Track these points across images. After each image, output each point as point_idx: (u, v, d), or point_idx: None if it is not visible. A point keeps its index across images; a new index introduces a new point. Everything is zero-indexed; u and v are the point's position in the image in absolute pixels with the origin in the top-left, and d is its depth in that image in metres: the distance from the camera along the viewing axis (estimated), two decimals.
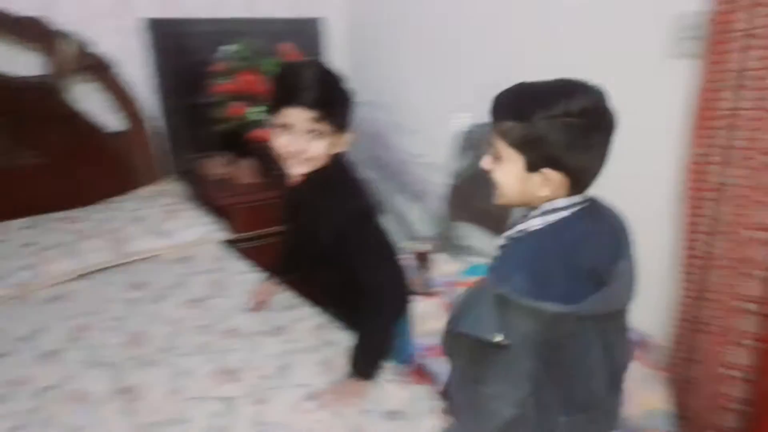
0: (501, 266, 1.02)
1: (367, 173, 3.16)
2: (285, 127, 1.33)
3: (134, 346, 1.59)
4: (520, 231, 1.03)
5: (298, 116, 1.31)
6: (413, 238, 2.91)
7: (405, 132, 2.75)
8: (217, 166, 2.64)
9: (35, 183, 2.27)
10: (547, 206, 1.01)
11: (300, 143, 1.33)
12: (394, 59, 2.80)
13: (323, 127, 1.33)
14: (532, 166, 0.99)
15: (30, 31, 2.14)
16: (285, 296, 1.84)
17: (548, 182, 0.99)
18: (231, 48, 2.54)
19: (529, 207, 1.05)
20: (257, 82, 2.43)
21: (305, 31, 2.89)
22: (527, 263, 0.98)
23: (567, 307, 0.93)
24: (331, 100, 1.34)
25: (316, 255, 1.52)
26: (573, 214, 1.01)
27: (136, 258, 2.06)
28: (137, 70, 2.51)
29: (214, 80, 2.47)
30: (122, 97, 2.40)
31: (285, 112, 1.32)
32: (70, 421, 1.31)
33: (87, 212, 2.19)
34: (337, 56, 3.01)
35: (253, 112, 2.42)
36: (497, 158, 1.03)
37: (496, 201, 1.07)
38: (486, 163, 1.06)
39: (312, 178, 1.40)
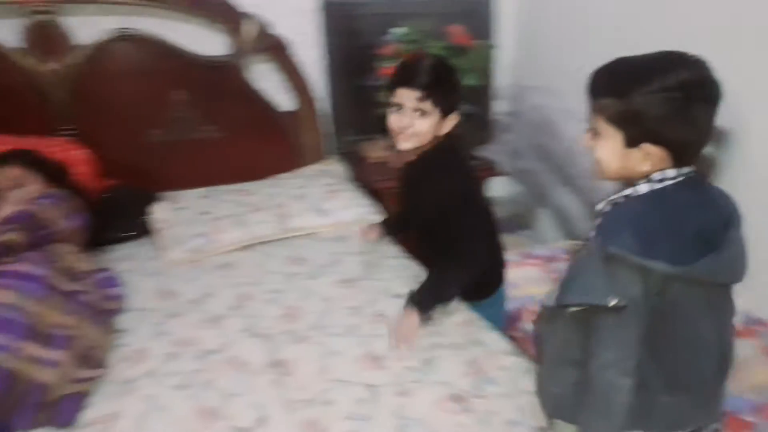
0: (607, 227, 1.02)
1: (527, 162, 3.02)
2: (397, 106, 1.52)
3: (289, 321, 1.64)
4: (625, 196, 1.04)
5: (407, 96, 1.49)
6: (572, 236, 2.71)
7: (574, 119, 2.56)
8: (377, 149, 2.66)
9: (214, 155, 2.44)
10: (656, 176, 1.01)
11: (406, 120, 1.51)
12: (566, 43, 2.60)
13: (428, 106, 1.49)
14: (632, 142, 1.00)
15: (219, 12, 2.28)
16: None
17: (648, 157, 1.00)
18: (400, 30, 2.52)
19: (630, 182, 1.04)
20: None
21: (476, 13, 2.79)
22: (633, 223, 0.98)
23: (676, 268, 0.93)
24: (436, 84, 1.49)
25: (419, 224, 1.76)
26: (678, 182, 1.01)
27: (296, 234, 2.13)
28: (309, 51, 2.59)
29: (382, 63, 2.47)
30: (295, 78, 2.49)
31: (398, 92, 1.51)
32: (227, 387, 1.38)
33: (257, 186, 2.31)
34: (506, 39, 2.87)
35: None
36: (596, 135, 1.04)
37: (596, 177, 1.08)
38: (585, 139, 1.08)
39: (421, 157, 1.59)
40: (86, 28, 2.21)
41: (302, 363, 1.47)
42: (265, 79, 2.54)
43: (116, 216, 2.06)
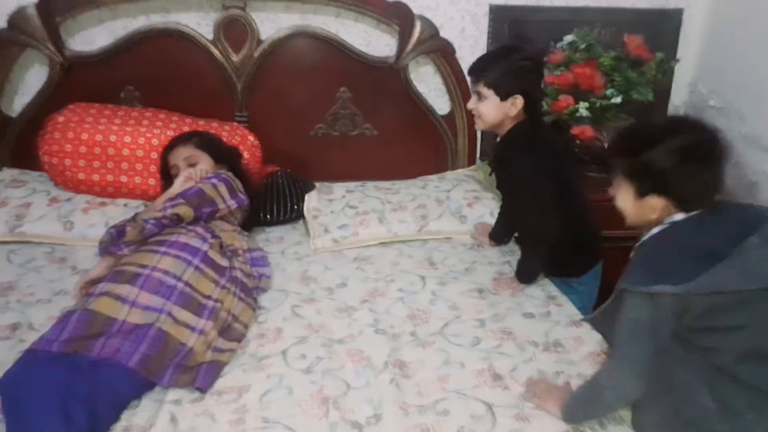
0: (627, 269, 1.21)
1: None
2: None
3: (415, 323, 1.66)
4: (645, 240, 1.24)
5: (471, 83, 1.79)
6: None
7: (760, 148, 2.26)
8: None
9: (368, 152, 2.53)
10: (666, 220, 1.21)
11: (471, 103, 1.80)
12: (756, 64, 2.30)
13: (482, 89, 1.73)
14: (641, 193, 1.21)
15: (395, 13, 2.35)
16: (568, 309, 1.71)
17: (655, 205, 1.20)
18: (568, 38, 2.41)
19: (650, 227, 1.24)
20: (593, 77, 2.25)
21: (660, 24, 2.57)
22: (645, 259, 1.21)
23: (679, 287, 1.09)
24: (486, 67, 1.74)
25: (507, 208, 2.02)
26: (685, 219, 1.19)
27: (433, 237, 2.13)
28: (473, 56, 2.55)
29: (548, 70, 2.38)
30: (457, 82, 2.49)
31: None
32: (348, 378, 1.42)
33: (403, 185, 2.36)
34: (688, 54, 2.61)
35: (583, 108, 2.26)
36: (616, 188, 1.27)
37: (627, 222, 1.29)
38: (612, 190, 1.30)
39: (501, 139, 1.82)
40: (268, 24, 2.40)
41: (422, 368, 1.47)
42: (424, 82, 2.57)
43: (274, 200, 2.22)
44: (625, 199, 1.24)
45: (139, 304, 1.41)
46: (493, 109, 1.74)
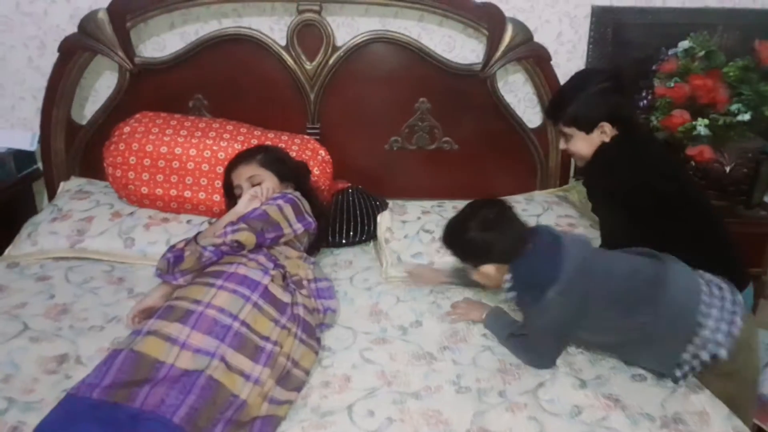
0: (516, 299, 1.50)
1: None
2: None
3: (504, 378, 1.41)
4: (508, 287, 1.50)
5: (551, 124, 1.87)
6: None
7: None
8: None
9: (448, 168, 2.31)
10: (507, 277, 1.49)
11: (561, 145, 1.74)
12: None
13: (564, 129, 1.68)
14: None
15: (483, 15, 2.12)
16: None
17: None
18: (686, 44, 2.09)
19: None
20: (715, 89, 1.93)
21: None
22: (521, 287, 1.47)
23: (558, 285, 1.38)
24: (558, 107, 1.69)
25: None
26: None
27: None
28: (570, 63, 2.30)
29: (658, 81, 2.07)
30: (550, 91, 2.22)
31: None
32: None
33: None
34: None
35: (702, 125, 1.94)
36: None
37: None
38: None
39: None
40: (345, 29, 2.22)
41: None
42: (513, 91, 2.32)
43: (344, 220, 2.03)
44: (473, 274, 1.55)
45: (189, 346, 1.25)
46: (585, 145, 1.66)
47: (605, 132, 1.63)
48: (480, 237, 1.45)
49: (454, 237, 1.51)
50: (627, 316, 1.38)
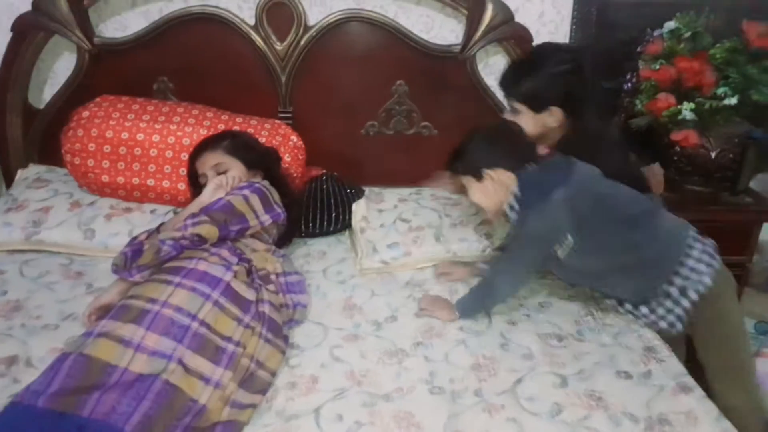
0: (520, 209, 1.46)
1: None
2: None
3: (480, 377, 1.35)
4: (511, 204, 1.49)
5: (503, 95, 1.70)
6: None
7: None
8: None
9: (426, 154, 2.22)
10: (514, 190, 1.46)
11: (506, 116, 1.67)
12: None
13: (515, 104, 1.62)
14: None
15: None
16: (673, 367, 1.37)
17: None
18: (669, 25, 2.02)
19: None
20: (702, 72, 1.86)
21: None
22: (531, 187, 1.44)
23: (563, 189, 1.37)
24: (512, 81, 1.63)
25: None
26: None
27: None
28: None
29: (643, 63, 2.00)
30: None
31: None
32: None
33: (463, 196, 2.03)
34: None
35: (687, 109, 1.88)
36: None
37: None
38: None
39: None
40: (317, 8, 2.11)
41: None
42: (495, 74, 2.22)
43: (317, 208, 1.95)
44: (476, 193, 1.52)
45: (144, 348, 1.17)
46: (531, 123, 1.61)
47: (553, 116, 1.59)
48: (495, 135, 1.46)
49: (467, 141, 1.47)
50: (625, 232, 1.41)
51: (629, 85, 2.11)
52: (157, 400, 1.11)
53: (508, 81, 1.66)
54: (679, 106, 1.91)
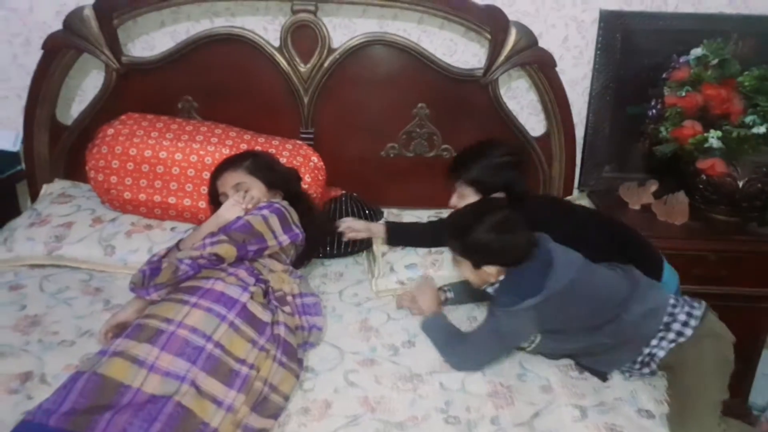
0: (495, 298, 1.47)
1: None
2: None
3: (497, 404, 1.33)
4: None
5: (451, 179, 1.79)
6: None
7: None
8: (640, 194, 2.16)
9: (443, 176, 2.19)
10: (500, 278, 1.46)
11: (452, 201, 1.78)
12: None
13: (463, 189, 1.75)
14: (477, 266, 1.47)
15: (486, 18, 2.01)
16: None
17: (490, 273, 1.46)
18: (699, 51, 1.99)
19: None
20: (729, 99, 1.83)
21: None
22: (505, 291, 1.45)
23: (537, 298, 1.37)
24: (462, 166, 1.75)
25: None
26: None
27: None
28: (575, 69, 2.21)
29: (669, 90, 1.97)
30: (556, 99, 2.13)
31: None
32: None
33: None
34: None
35: (714, 137, 1.84)
36: (455, 262, 1.56)
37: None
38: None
39: None
40: (341, 31, 2.13)
41: None
42: (516, 98, 2.22)
43: (337, 229, 1.94)
44: (466, 271, 1.49)
45: (158, 369, 1.16)
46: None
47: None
48: (496, 238, 1.42)
49: (465, 234, 1.45)
50: (589, 336, 1.41)
51: (653, 111, 2.08)
52: (169, 422, 1.10)
53: (456, 167, 1.74)
54: (705, 134, 1.88)
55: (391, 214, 2.08)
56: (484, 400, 1.34)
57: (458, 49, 2.19)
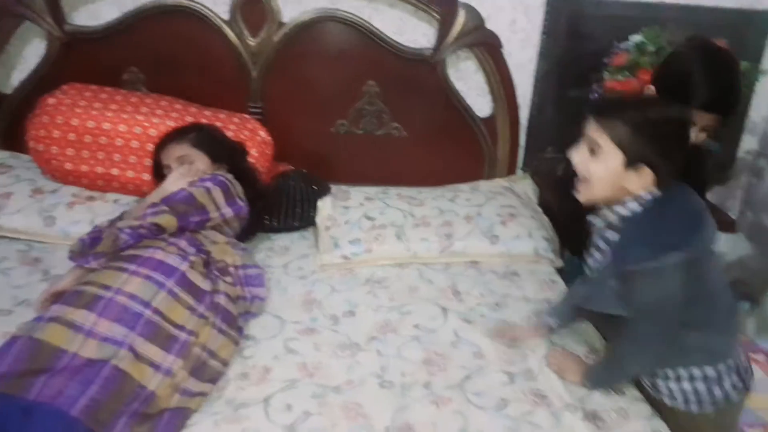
0: (620, 248, 1.19)
1: (743, 244, 2.40)
2: None
3: (430, 371, 1.38)
4: (623, 215, 1.19)
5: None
6: None
7: None
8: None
9: (395, 154, 2.26)
10: (644, 195, 1.17)
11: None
12: None
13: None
14: (630, 163, 1.14)
15: (435, 1, 2.05)
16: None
17: (639, 180, 1.15)
18: (635, 38, 2.07)
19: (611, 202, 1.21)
20: None
21: (745, 28, 2.21)
22: (642, 234, 1.16)
23: (687, 253, 1.12)
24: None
25: None
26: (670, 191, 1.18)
27: (459, 259, 1.85)
28: (522, 52, 2.26)
29: (608, 74, 2.05)
30: (502, 81, 2.19)
31: None
32: None
33: (428, 195, 2.06)
34: None
35: None
36: (593, 153, 1.17)
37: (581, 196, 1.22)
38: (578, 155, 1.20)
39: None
40: (291, 6, 2.13)
41: None
42: (464, 79, 2.27)
43: (283, 204, 1.96)
44: (607, 167, 1.15)
45: (96, 334, 1.18)
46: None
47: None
48: (681, 129, 1.15)
49: (649, 107, 1.18)
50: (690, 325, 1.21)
51: (596, 95, 2.16)
52: (106, 385, 1.12)
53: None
54: None
55: (340, 190, 2.11)
56: (419, 366, 1.39)
57: (408, 28, 2.22)
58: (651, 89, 1.54)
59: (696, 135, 1.37)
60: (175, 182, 1.59)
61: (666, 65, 1.56)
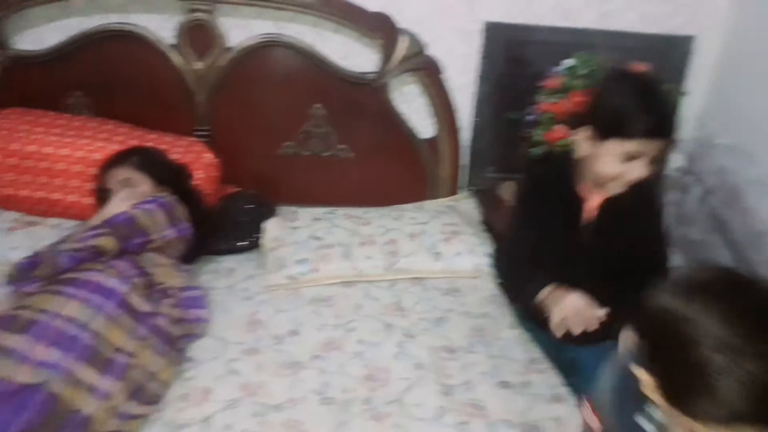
0: None
1: (696, 232, 2.52)
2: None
3: (371, 386, 1.42)
4: None
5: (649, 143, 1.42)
6: None
7: None
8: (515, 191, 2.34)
9: (342, 175, 2.30)
10: None
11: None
12: None
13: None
14: None
15: (377, 26, 2.12)
16: (550, 379, 1.47)
17: None
18: (568, 62, 2.19)
19: None
20: None
21: (669, 52, 2.35)
22: None
23: None
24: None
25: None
26: None
27: (403, 276, 1.90)
28: (461, 77, 2.34)
29: (543, 97, 2.16)
30: (442, 104, 2.27)
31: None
32: None
33: (376, 215, 2.12)
34: (698, 85, 2.39)
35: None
36: None
37: None
38: None
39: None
40: (238, 31, 2.17)
41: None
42: (408, 102, 2.34)
43: (228, 226, 1.98)
44: None
45: (30, 360, 1.17)
46: None
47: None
48: None
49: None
50: None
51: (531, 117, 2.26)
52: (40, 411, 1.11)
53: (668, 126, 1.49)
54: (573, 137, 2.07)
55: (288, 211, 2.14)
56: (360, 382, 1.43)
57: (352, 53, 2.28)
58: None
59: (649, 167, 1.42)
60: (117, 205, 1.59)
61: (599, 105, 1.53)
